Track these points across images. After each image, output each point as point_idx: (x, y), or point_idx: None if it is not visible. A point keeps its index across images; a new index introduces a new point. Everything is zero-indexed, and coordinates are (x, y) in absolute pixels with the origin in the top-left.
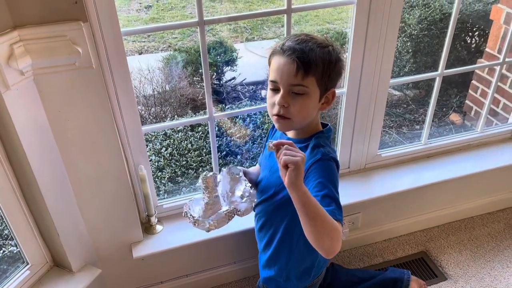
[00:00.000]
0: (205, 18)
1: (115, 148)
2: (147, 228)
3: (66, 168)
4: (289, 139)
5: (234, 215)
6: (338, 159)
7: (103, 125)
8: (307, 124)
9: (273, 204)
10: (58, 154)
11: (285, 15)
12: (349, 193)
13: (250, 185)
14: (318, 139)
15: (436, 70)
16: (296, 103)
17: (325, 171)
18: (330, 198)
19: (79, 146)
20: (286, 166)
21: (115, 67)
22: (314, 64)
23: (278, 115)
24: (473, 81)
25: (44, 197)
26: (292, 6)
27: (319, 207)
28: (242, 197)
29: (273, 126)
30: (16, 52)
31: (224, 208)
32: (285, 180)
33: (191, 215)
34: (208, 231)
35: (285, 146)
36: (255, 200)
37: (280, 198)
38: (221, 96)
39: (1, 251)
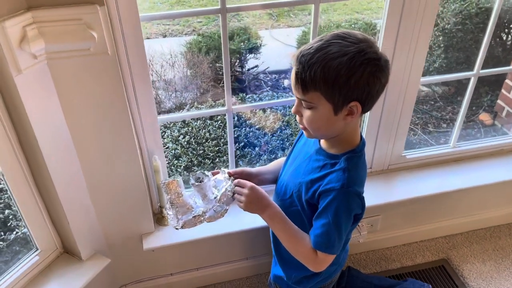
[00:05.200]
0: (228, 6)
1: (129, 137)
2: (159, 219)
3: (79, 156)
4: (319, 148)
5: (203, 219)
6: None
7: (117, 113)
8: (336, 136)
9: (288, 207)
10: (71, 142)
11: (313, 4)
12: (369, 194)
13: (231, 187)
14: (348, 162)
15: (468, 67)
16: (306, 115)
17: (336, 203)
18: (324, 230)
19: (92, 134)
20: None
21: (132, 54)
22: (311, 82)
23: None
24: (507, 80)
25: (54, 184)
26: None
27: (286, 230)
28: (219, 200)
29: None
30: (29, 34)
31: (198, 209)
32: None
33: (167, 212)
34: (176, 229)
35: (236, 181)
36: (227, 209)
37: (294, 203)
38: (243, 84)
39: (15, 232)
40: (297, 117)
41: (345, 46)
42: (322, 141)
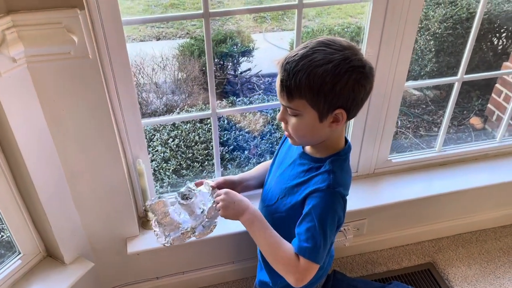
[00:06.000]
0: (210, 10)
1: (112, 140)
2: (144, 223)
3: (61, 159)
4: (303, 152)
5: (192, 235)
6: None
7: (100, 116)
8: (321, 142)
9: (273, 213)
10: (52, 145)
11: (296, 10)
12: (355, 198)
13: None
14: (333, 164)
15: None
16: (291, 122)
17: (322, 204)
18: (310, 235)
19: (74, 137)
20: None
21: (115, 58)
22: (296, 89)
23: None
24: (497, 85)
25: (36, 188)
26: (304, 1)
27: (266, 235)
28: (206, 215)
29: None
30: (8, 38)
31: (186, 225)
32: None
33: (153, 229)
34: (165, 246)
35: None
36: (216, 223)
37: (279, 210)
38: (236, 87)
39: (0, 236)
40: (283, 125)
41: (330, 54)
42: (307, 146)
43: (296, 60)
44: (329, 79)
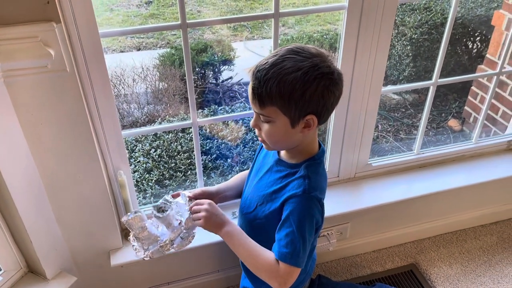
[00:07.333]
0: (188, 21)
1: (92, 153)
2: (127, 235)
3: (40, 172)
4: (279, 159)
5: (171, 248)
6: (327, 168)
7: (79, 129)
8: (295, 147)
9: (252, 220)
10: (31, 158)
11: (272, 19)
12: (338, 202)
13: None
14: (308, 169)
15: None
16: (264, 128)
17: (299, 209)
18: (289, 240)
19: (54, 150)
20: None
21: (93, 70)
22: (267, 97)
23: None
24: (473, 87)
25: (15, 202)
26: (280, 11)
27: (246, 245)
28: (184, 227)
29: None
30: None
31: (164, 238)
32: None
33: (132, 243)
34: (144, 259)
35: (194, 202)
36: (194, 233)
37: (258, 216)
38: (217, 95)
39: None
40: (256, 131)
41: (299, 61)
42: (282, 152)
43: (267, 68)
44: (299, 86)
